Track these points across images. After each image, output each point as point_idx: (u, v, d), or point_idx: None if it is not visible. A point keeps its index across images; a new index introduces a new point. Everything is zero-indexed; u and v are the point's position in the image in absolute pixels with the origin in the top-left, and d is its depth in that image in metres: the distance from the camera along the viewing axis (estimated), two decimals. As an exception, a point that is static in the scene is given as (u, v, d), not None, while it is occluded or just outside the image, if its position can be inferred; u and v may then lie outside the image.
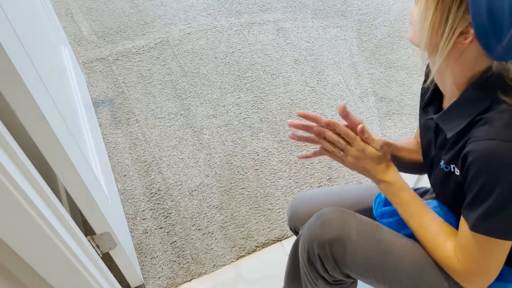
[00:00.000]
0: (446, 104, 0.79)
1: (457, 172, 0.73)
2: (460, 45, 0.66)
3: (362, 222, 0.87)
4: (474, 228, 0.69)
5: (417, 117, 1.11)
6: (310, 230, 0.88)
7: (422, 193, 0.99)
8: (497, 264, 0.72)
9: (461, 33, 0.65)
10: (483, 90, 0.69)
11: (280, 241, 1.44)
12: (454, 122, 0.73)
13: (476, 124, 0.69)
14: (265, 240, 1.44)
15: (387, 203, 0.92)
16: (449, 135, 0.74)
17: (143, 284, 1.34)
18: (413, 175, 1.27)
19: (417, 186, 1.03)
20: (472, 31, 0.63)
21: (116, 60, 2.04)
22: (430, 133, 0.84)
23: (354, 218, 0.87)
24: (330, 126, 0.82)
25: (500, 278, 0.78)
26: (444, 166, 0.77)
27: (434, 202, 0.86)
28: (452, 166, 0.75)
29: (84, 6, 2.33)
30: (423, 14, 0.67)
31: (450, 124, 0.74)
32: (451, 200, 0.82)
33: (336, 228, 0.85)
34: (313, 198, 1.04)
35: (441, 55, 0.68)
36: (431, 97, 0.83)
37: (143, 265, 1.39)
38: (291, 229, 1.08)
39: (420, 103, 0.88)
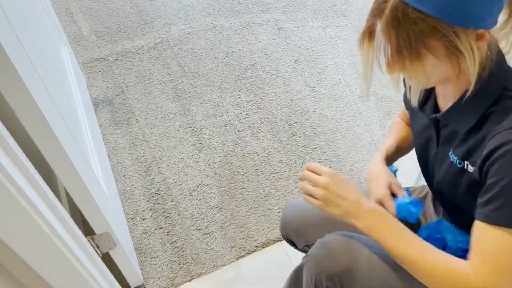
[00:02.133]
0: (441, 100, 0.77)
1: (470, 169, 0.70)
2: (484, 43, 0.64)
3: (370, 248, 0.82)
4: None
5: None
6: (317, 261, 0.84)
7: (420, 190, 0.99)
8: None
9: (477, 39, 0.63)
10: (489, 81, 0.66)
11: (280, 241, 1.44)
12: (464, 117, 0.70)
13: (490, 116, 0.66)
14: (265, 240, 1.44)
15: None
16: (462, 131, 0.71)
17: (143, 284, 1.34)
18: (411, 174, 1.28)
19: (417, 185, 1.03)
20: (482, 30, 0.62)
21: (116, 60, 2.04)
22: (429, 130, 0.81)
23: (361, 245, 0.83)
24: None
25: None
26: (457, 161, 0.73)
27: (444, 222, 0.84)
28: (465, 162, 0.71)
29: (84, 6, 2.32)
30: (432, 67, 0.65)
31: (460, 120, 0.71)
32: (459, 201, 0.77)
33: (344, 259, 0.81)
34: (302, 205, 0.99)
35: (474, 71, 0.65)
36: (425, 96, 0.81)
37: (143, 265, 1.38)
38: (283, 236, 1.05)
39: (407, 104, 0.87)
